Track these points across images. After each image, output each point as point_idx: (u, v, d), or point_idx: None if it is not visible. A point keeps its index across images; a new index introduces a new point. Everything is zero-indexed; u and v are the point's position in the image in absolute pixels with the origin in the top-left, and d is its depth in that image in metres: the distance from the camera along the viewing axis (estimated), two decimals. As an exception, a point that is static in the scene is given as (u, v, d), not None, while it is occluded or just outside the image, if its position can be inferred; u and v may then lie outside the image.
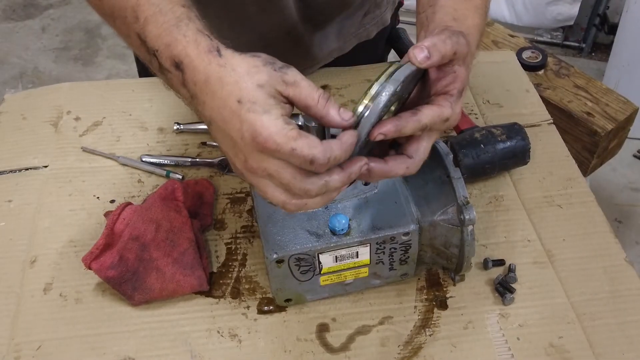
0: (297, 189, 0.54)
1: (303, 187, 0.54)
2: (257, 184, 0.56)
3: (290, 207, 0.56)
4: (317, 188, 0.54)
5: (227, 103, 0.53)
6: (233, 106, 0.52)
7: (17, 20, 3.03)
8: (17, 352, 0.72)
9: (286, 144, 0.51)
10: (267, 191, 0.56)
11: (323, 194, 0.56)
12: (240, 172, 0.57)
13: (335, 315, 0.76)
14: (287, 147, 0.51)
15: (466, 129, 0.92)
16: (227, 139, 0.55)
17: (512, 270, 0.79)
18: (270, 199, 0.56)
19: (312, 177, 0.54)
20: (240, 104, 0.52)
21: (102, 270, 0.74)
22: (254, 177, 0.56)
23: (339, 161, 0.54)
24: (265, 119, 0.52)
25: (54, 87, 1.06)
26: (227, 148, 0.56)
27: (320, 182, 0.54)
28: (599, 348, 0.72)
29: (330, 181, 0.55)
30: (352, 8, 1.01)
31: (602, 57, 2.75)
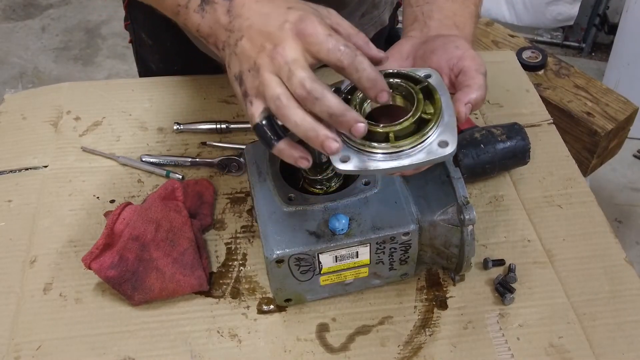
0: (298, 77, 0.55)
1: (302, 78, 0.55)
2: (265, 79, 0.57)
3: (279, 101, 0.56)
4: (311, 86, 0.55)
5: (276, 10, 0.58)
6: (282, 10, 0.58)
7: (17, 20, 3.03)
8: (17, 352, 0.72)
9: (324, 31, 0.56)
10: (271, 84, 0.57)
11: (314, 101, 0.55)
12: (257, 68, 0.57)
13: (335, 315, 0.76)
14: (325, 32, 0.56)
15: (466, 129, 0.92)
16: (260, 37, 0.58)
17: (512, 270, 0.79)
18: (269, 89, 0.57)
19: (316, 79, 0.56)
20: (289, 9, 0.58)
21: (102, 270, 0.74)
22: (269, 69, 0.57)
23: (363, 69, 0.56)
24: (311, 16, 0.57)
25: (54, 87, 1.06)
26: (254, 48, 0.58)
27: (317, 86, 0.55)
28: (599, 348, 0.72)
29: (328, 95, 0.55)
30: (348, 8, 1.00)
31: (602, 57, 2.75)
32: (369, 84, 0.56)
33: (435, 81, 0.61)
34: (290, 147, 0.59)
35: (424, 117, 0.58)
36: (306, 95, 0.55)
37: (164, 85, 1.06)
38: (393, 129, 0.58)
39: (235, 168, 0.92)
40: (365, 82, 0.56)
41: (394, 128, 0.58)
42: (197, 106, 1.02)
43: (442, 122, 0.58)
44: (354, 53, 0.56)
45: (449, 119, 0.59)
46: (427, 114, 0.59)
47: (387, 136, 0.58)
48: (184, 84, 1.06)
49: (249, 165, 0.78)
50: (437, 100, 0.59)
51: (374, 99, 0.57)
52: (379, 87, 0.56)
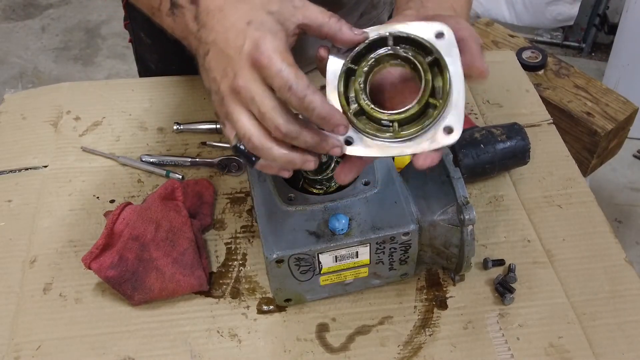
0: (271, 121, 0.54)
1: (276, 121, 0.54)
2: (231, 112, 0.56)
3: (254, 142, 0.55)
4: (287, 128, 0.54)
5: (236, 24, 0.56)
6: (241, 27, 0.55)
7: (17, 20, 3.03)
8: (17, 352, 0.72)
9: (278, 62, 0.53)
10: (240, 119, 0.55)
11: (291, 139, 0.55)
12: (222, 95, 0.56)
13: (335, 315, 0.76)
14: (278, 65, 0.53)
15: (466, 129, 0.92)
16: (223, 58, 0.56)
17: (512, 270, 0.79)
18: (239, 128, 0.56)
19: (289, 116, 0.54)
20: (249, 24, 0.55)
21: (101, 270, 0.74)
22: (234, 101, 0.56)
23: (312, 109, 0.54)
24: (269, 37, 0.54)
25: (54, 87, 1.06)
26: (219, 69, 0.57)
27: (294, 125, 0.54)
28: (598, 348, 0.72)
29: (303, 131, 0.55)
30: (345, 8, 1.00)
31: (602, 57, 2.75)
32: (322, 122, 0.55)
33: (447, 42, 0.57)
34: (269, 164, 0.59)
35: (431, 102, 0.57)
36: (282, 137, 0.55)
37: (164, 85, 1.06)
38: (396, 117, 0.57)
39: (235, 168, 0.92)
40: (317, 120, 0.55)
41: (397, 117, 0.57)
42: (197, 106, 1.02)
43: (449, 101, 0.56)
44: (303, 93, 0.53)
45: (457, 96, 0.56)
46: (434, 100, 0.56)
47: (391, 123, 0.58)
48: (184, 84, 1.06)
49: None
50: (445, 79, 0.56)
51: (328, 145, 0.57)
52: (333, 123, 0.55)
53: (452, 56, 0.57)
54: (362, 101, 0.58)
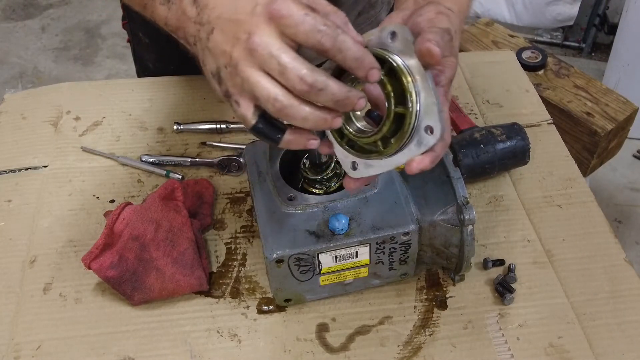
0: (295, 71, 0.51)
1: (300, 72, 0.51)
2: (249, 76, 0.53)
3: (281, 101, 0.52)
4: (314, 77, 0.51)
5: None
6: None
7: (17, 20, 3.03)
8: (17, 352, 0.72)
9: (299, 10, 0.50)
10: (259, 81, 0.52)
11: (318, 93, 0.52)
12: (236, 60, 0.53)
13: (335, 315, 0.76)
14: (301, 12, 0.50)
15: (466, 129, 0.92)
16: (231, 27, 0.53)
17: (511, 270, 0.79)
18: (260, 91, 0.53)
19: (312, 67, 0.51)
20: None
21: (101, 270, 0.74)
22: (250, 63, 0.52)
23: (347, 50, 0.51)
24: None
25: (54, 87, 1.06)
26: (227, 40, 0.53)
27: (320, 76, 0.51)
28: (598, 348, 0.72)
29: (329, 81, 0.52)
30: (344, 7, 1.00)
31: (602, 57, 2.75)
32: (356, 63, 0.52)
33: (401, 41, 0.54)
34: (297, 135, 0.56)
35: (399, 111, 0.55)
36: (308, 89, 0.51)
37: (164, 85, 1.06)
38: (375, 138, 0.57)
39: (235, 168, 0.92)
40: (351, 62, 0.52)
41: (375, 137, 0.57)
42: (197, 106, 1.02)
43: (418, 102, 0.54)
44: (335, 32, 0.51)
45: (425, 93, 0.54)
46: (402, 109, 0.55)
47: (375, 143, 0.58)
48: (184, 83, 1.06)
49: (249, 165, 0.78)
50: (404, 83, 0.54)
51: (364, 79, 0.53)
52: (367, 65, 0.52)
53: (408, 53, 0.54)
54: (346, 131, 0.59)
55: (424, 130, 0.55)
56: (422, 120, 0.55)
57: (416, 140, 0.57)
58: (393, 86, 0.55)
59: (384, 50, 0.55)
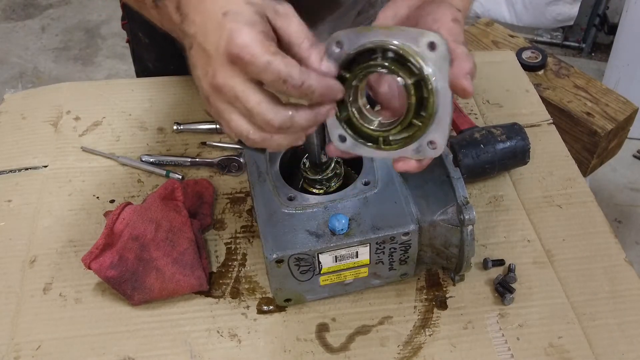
0: (261, 117, 0.52)
1: (266, 117, 0.52)
2: (221, 111, 0.54)
3: (254, 138, 0.53)
4: (280, 120, 0.52)
5: (213, 15, 0.52)
6: (218, 18, 0.51)
7: (17, 20, 3.03)
8: (16, 352, 0.72)
9: (262, 55, 0.49)
10: (231, 119, 0.53)
11: (287, 129, 0.53)
12: (206, 94, 0.54)
13: (335, 315, 0.76)
14: (263, 59, 0.49)
15: (466, 129, 0.92)
16: (203, 54, 0.53)
17: (511, 270, 0.79)
18: (233, 128, 0.54)
19: (278, 106, 0.52)
20: (225, 15, 0.51)
21: (101, 270, 0.74)
22: (219, 100, 0.53)
23: (312, 92, 0.52)
24: (246, 29, 0.50)
25: (54, 87, 1.06)
26: (200, 66, 0.54)
27: (285, 114, 0.52)
28: (598, 348, 0.72)
29: (296, 116, 0.53)
30: (343, 7, 1.00)
31: (602, 57, 2.75)
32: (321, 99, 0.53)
33: (439, 55, 0.53)
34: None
35: (414, 122, 0.56)
36: (276, 131, 0.53)
37: (164, 85, 1.06)
38: (380, 134, 0.58)
39: (235, 168, 0.92)
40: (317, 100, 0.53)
41: (381, 133, 0.58)
42: (197, 106, 1.02)
43: (434, 118, 0.55)
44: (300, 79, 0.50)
45: (443, 113, 0.55)
46: (418, 120, 0.56)
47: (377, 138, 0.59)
48: (184, 84, 1.06)
49: (249, 165, 0.78)
50: (430, 104, 0.54)
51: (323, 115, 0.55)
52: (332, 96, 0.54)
53: (441, 71, 0.54)
54: (350, 113, 0.59)
55: (427, 142, 0.57)
56: (430, 133, 0.56)
57: (416, 147, 0.57)
58: (417, 98, 0.55)
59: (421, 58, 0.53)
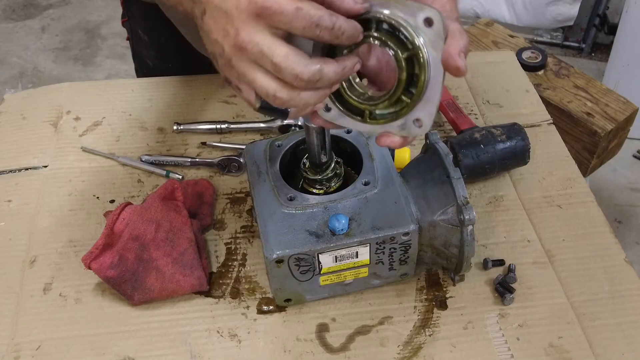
0: (289, 71, 0.50)
1: (295, 70, 0.50)
2: (244, 72, 0.52)
3: (282, 97, 0.52)
4: (310, 73, 0.50)
5: None
6: None
7: (17, 20, 3.03)
8: (16, 352, 0.72)
9: (290, 3, 0.48)
10: (256, 78, 0.51)
11: (316, 82, 0.51)
12: (228, 57, 0.52)
13: (335, 315, 0.76)
14: (292, 7, 0.48)
15: (466, 129, 0.92)
16: (221, 15, 0.51)
17: (511, 270, 0.79)
18: (259, 89, 0.52)
19: (306, 59, 0.51)
20: None
21: (101, 270, 0.74)
22: (242, 60, 0.51)
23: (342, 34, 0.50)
24: None
25: (54, 87, 1.06)
26: (219, 29, 0.52)
27: (314, 67, 0.51)
28: (598, 348, 0.72)
29: (325, 69, 0.51)
30: None
31: (602, 57, 2.75)
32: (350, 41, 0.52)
33: (434, 32, 0.52)
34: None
35: (403, 98, 0.55)
36: (305, 84, 0.51)
37: (164, 86, 1.06)
38: (366, 107, 0.57)
39: (235, 168, 0.92)
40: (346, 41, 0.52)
41: (367, 106, 0.57)
42: (197, 106, 1.02)
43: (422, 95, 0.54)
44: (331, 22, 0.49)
45: (432, 91, 0.54)
46: (406, 97, 0.55)
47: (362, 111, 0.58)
48: (184, 84, 1.06)
49: (249, 165, 0.78)
50: (421, 81, 0.54)
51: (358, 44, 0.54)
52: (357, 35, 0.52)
53: (435, 49, 0.53)
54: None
55: (414, 119, 0.56)
56: (417, 111, 0.55)
57: (401, 123, 0.57)
58: (408, 74, 0.54)
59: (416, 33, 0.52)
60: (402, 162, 0.87)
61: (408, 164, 0.82)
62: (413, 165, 0.79)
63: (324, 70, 0.51)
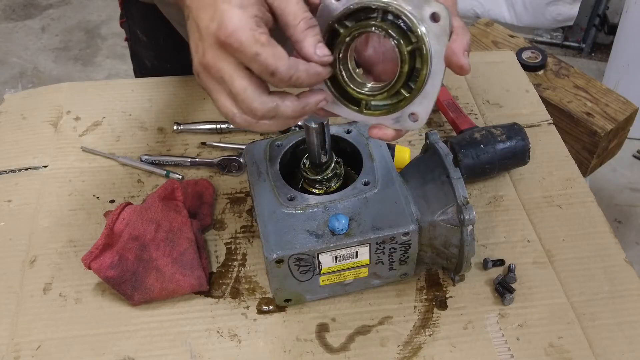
0: (245, 104, 0.51)
1: (250, 105, 0.51)
2: (209, 88, 0.53)
3: (239, 121, 0.53)
4: (265, 110, 0.51)
5: None
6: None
7: (17, 20, 3.03)
8: (16, 352, 0.72)
9: (250, 46, 0.49)
10: (219, 99, 0.53)
11: (271, 118, 0.52)
12: (197, 70, 0.54)
13: (335, 315, 0.76)
14: (251, 50, 0.49)
15: (466, 129, 0.92)
16: (195, 30, 0.52)
17: (511, 270, 0.79)
18: (220, 107, 0.53)
19: (263, 95, 0.51)
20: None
21: (101, 270, 0.74)
22: (208, 78, 0.53)
23: (300, 84, 0.51)
24: (236, 12, 0.49)
25: (54, 87, 1.06)
26: (193, 41, 0.53)
27: (270, 105, 0.51)
28: (598, 348, 0.72)
29: (282, 106, 0.52)
30: None
31: (602, 57, 2.75)
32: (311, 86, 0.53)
33: (439, 28, 0.52)
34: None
35: (402, 91, 0.56)
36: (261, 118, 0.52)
37: (164, 85, 1.06)
38: (364, 97, 0.57)
39: (235, 168, 0.92)
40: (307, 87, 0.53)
41: (365, 97, 0.57)
42: (197, 106, 1.02)
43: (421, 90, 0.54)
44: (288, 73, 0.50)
45: (431, 87, 0.54)
46: (406, 90, 0.55)
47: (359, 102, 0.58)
48: (184, 84, 1.06)
49: (249, 165, 0.78)
50: (421, 76, 0.54)
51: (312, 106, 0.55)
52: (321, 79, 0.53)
53: (440, 44, 0.53)
54: (337, 70, 0.57)
55: (409, 113, 0.56)
56: (414, 105, 0.55)
57: (397, 116, 0.57)
58: (410, 67, 0.54)
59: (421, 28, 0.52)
60: (402, 162, 0.87)
61: (408, 164, 0.82)
62: (413, 165, 0.79)
63: (280, 108, 0.52)
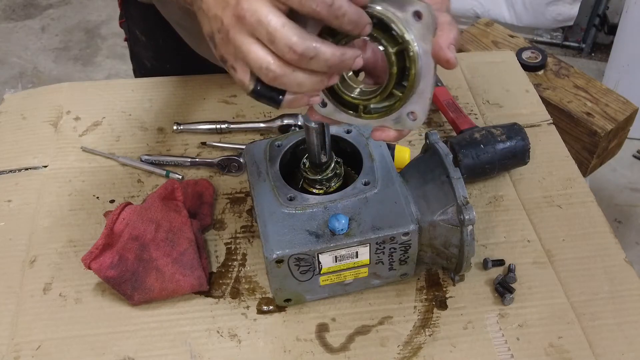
0: (284, 41, 0.49)
1: (289, 40, 0.48)
2: (240, 43, 0.51)
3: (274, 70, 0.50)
4: (304, 47, 0.49)
5: None
6: None
7: (17, 20, 3.03)
8: (16, 352, 0.72)
9: None
10: (250, 50, 0.50)
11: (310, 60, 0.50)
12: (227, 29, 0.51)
13: (335, 315, 0.76)
14: None
15: (466, 129, 0.92)
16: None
17: (511, 270, 0.79)
18: (252, 61, 0.51)
19: (303, 32, 0.49)
20: None
21: (101, 270, 0.74)
22: (241, 31, 0.51)
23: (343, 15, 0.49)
24: None
25: (54, 87, 1.06)
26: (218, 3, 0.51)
27: (309, 41, 0.49)
28: (598, 348, 0.72)
29: (321, 48, 0.50)
30: None
31: (602, 57, 2.75)
32: (351, 26, 0.50)
33: (423, 25, 0.52)
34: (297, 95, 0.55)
35: (395, 92, 0.56)
36: (298, 58, 0.49)
37: (164, 86, 1.06)
38: (359, 102, 0.58)
39: (235, 168, 0.92)
40: (347, 27, 0.50)
41: (360, 101, 0.58)
42: (197, 106, 1.02)
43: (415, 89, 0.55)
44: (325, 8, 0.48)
45: (425, 85, 0.54)
46: (398, 91, 0.55)
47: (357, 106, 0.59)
48: (184, 84, 1.06)
49: (249, 165, 0.78)
50: (412, 75, 0.54)
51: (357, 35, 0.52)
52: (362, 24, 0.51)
53: (425, 42, 0.53)
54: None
55: (408, 112, 0.56)
56: (410, 104, 0.56)
57: (396, 117, 0.57)
58: (399, 67, 0.54)
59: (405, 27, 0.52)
60: (402, 162, 0.87)
61: (408, 164, 0.82)
62: (413, 165, 0.79)
63: (319, 49, 0.50)
